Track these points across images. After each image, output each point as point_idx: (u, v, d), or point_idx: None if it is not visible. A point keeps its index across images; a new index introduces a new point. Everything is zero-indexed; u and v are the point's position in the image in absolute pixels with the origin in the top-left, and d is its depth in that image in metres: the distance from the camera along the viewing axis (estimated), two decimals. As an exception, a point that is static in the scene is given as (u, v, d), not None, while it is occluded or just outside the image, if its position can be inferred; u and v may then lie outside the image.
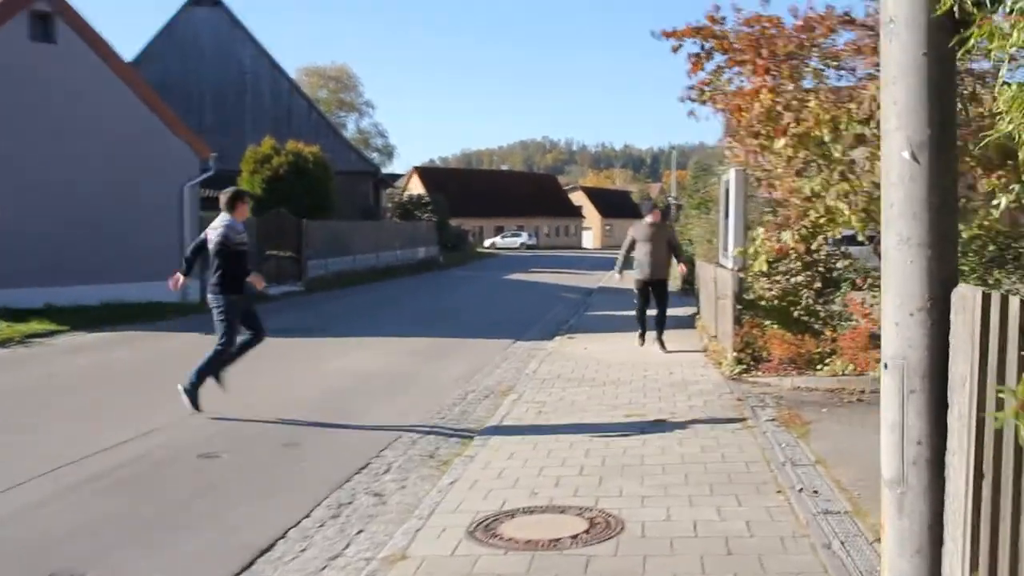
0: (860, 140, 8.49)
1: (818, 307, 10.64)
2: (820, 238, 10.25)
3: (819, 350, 10.04)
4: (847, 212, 9.30)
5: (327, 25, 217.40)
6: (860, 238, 10.40)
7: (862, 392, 8.95)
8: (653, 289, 11.66)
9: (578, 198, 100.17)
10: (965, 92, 7.16)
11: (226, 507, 6.36)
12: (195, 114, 39.61)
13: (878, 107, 8.50)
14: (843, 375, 9.49)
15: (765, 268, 10.34)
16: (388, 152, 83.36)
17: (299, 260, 27.69)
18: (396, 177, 76.47)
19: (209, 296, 8.83)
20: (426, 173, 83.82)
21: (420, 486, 6.65)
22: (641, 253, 11.41)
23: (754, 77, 8.94)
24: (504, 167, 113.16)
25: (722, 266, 12.25)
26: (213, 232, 8.77)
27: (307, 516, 6.07)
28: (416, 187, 74.08)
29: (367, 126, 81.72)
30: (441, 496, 6.24)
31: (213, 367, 8.79)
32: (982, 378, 2.57)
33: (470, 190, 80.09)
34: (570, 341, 14.84)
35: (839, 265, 10.36)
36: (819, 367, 9.83)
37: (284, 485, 6.89)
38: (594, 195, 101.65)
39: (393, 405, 9.89)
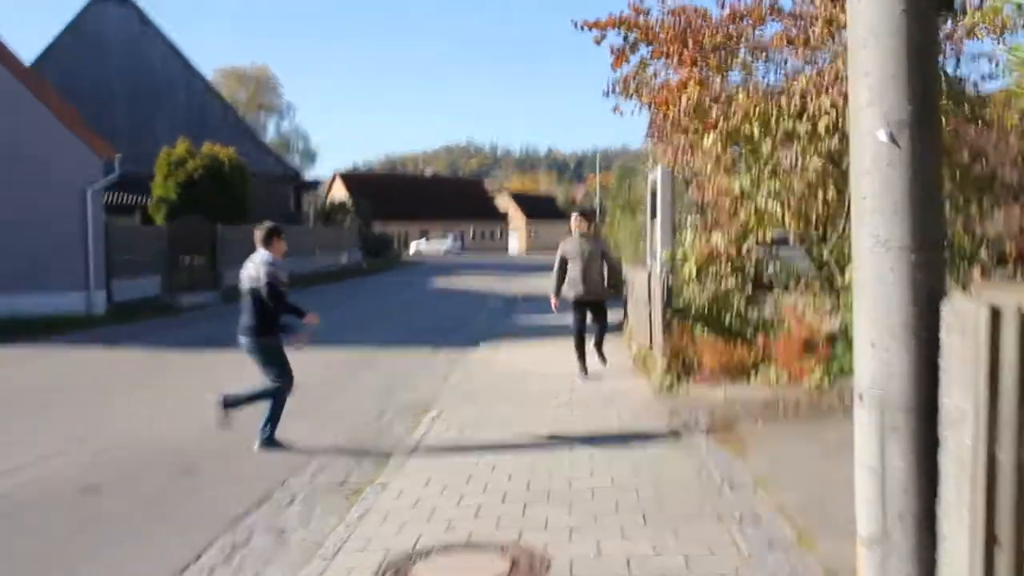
0: (790, 137, 8.06)
1: (750, 312, 10.23)
2: (751, 239, 9.83)
3: (752, 358, 9.61)
4: (778, 212, 8.89)
5: (245, 26, 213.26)
6: (791, 240, 10.01)
7: (797, 403, 8.51)
8: (590, 309, 10.36)
9: (504, 202, 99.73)
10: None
11: (101, 550, 5.61)
12: (106, 117, 37.94)
13: (812, 99, 8.24)
14: (777, 384, 9.06)
15: (695, 272, 9.88)
16: (310, 156, 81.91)
17: (214, 268, 26.56)
18: (318, 183, 75.16)
19: (245, 341, 7.96)
20: (349, 178, 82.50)
21: (326, 520, 6.00)
22: (574, 271, 10.01)
23: (680, 69, 8.48)
24: (428, 171, 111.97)
25: (650, 270, 11.78)
26: (256, 270, 7.95)
27: (196, 560, 5.37)
28: (340, 192, 72.78)
29: (288, 129, 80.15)
30: (349, 531, 5.61)
31: (275, 412, 8.11)
32: (992, 413, 2.02)
33: (394, 195, 78.98)
34: (495, 350, 14.25)
35: (771, 268, 9.95)
36: (752, 376, 9.39)
37: (173, 522, 6.15)
38: (520, 199, 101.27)
39: (303, 425, 9.12)
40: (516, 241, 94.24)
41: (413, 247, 76.39)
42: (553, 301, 10.31)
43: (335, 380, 11.90)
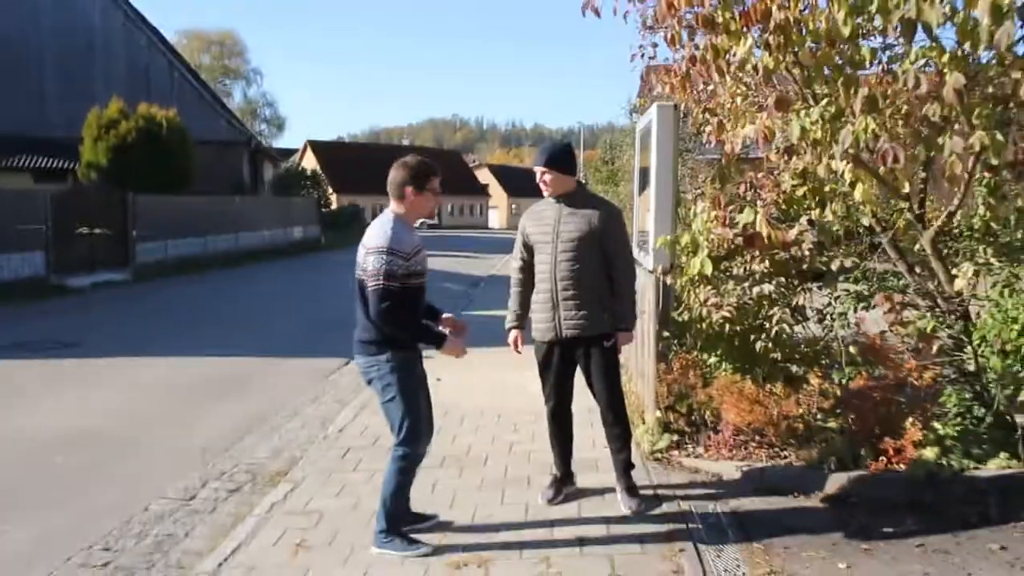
0: (910, 29, 4.26)
1: (797, 335, 6.46)
2: (804, 220, 6.03)
3: (803, 415, 5.85)
4: (851, 174, 5.12)
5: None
6: (866, 222, 6.21)
7: (893, 506, 4.78)
8: (581, 358, 5.24)
9: (484, 176, 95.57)
10: None
11: None
12: (34, 76, 34.20)
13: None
14: (857, 469, 5.31)
15: (708, 270, 6.10)
16: (278, 124, 77.44)
17: (125, 241, 22.55)
18: (291, 152, 70.83)
19: (361, 360, 4.66)
20: (321, 147, 77.88)
21: None
22: (545, 275, 5.17)
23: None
24: (405, 140, 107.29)
25: (637, 263, 7.96)
26: (365, 252, 4.52)
27: None
28: (311, 163, 68.52)
29: (255, 95, 75.61)
30: None
31: (402, 487, 4.76)
32: None
33: (368, 166, 73.95)
34: (426, 363, 10.43)
35: (835, 267, 6.11)
36: (810, 447, 5.64)
37: None
38: (501, 173, 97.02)
39: (43, 518, 5.44)
40: (496, 217, 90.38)
41: (386, 221, 72.26)
42: (513, 337, 5.40)
43: (169, 415, 8.09)
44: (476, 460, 6.38)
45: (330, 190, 48.83)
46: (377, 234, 4.48)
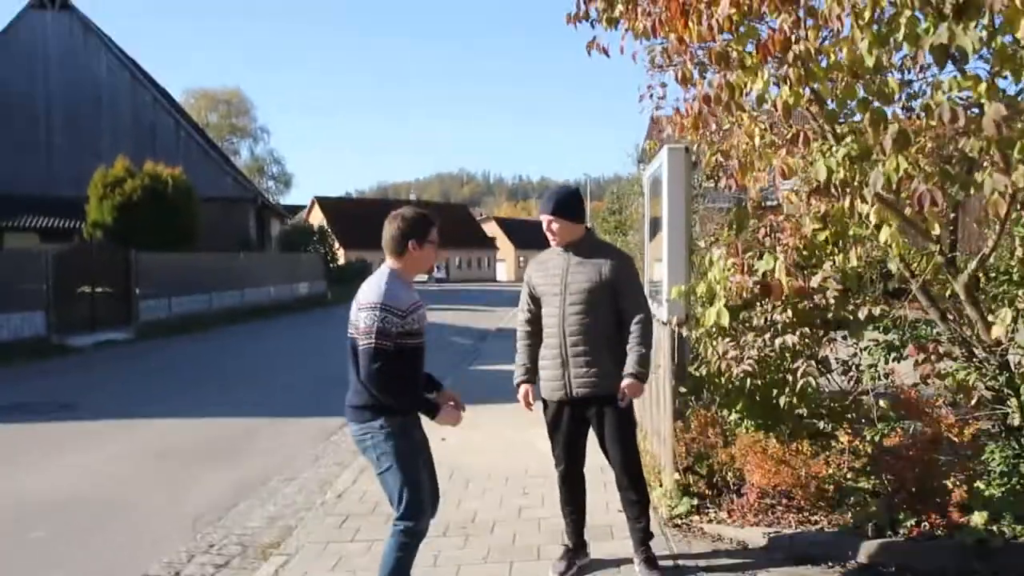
0: (942, 57, 3.94)
1: (823, 389, 6.05)
2: (828, 266, 5.67)
3: (835, 474, 5.44)
4: (888, 222, 4.76)
5: (234, 55, 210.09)
6: (894, 268, 5.84)
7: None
8: (594, 418, 4.84)
9: (492, 229, 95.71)
10: None
11: None
12: (41, 135, 34.38)
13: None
14: (895, 535, 4.87)
15: (726, 320, 5.73)
16: (284, 181, 77.68)
17: (128, 300, 22.28)
18: (298, 208, 70.98)
19: (354, 427, 4.27)
20: (328, 203, 78.10)
21: None
22: (553, 331, 4.82)
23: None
24: (412, 195, 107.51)
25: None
26: (359, 309, 4.17)
27: None
28: (318, 219, 68.60)
29: (262, 153, 76.00)
30: None
31: (403, 565, 4.27)
32: None
33: (376, 221, 72.55)
34: (429, 421, 10.03)
35: (862, 316, 5.72)
36: (842, 510, 5.21)
37: None
38: (508, 226, 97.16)
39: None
40: (504, 269, 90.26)
41: (394, 276, 72.15)
42: (523, 393, 4.96)
43: (161, 481, 7.69)
44: (482, 527, 5.96)
45: (337, 245, 48.71)
46: (371, 289, 4.13)
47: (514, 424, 8.97)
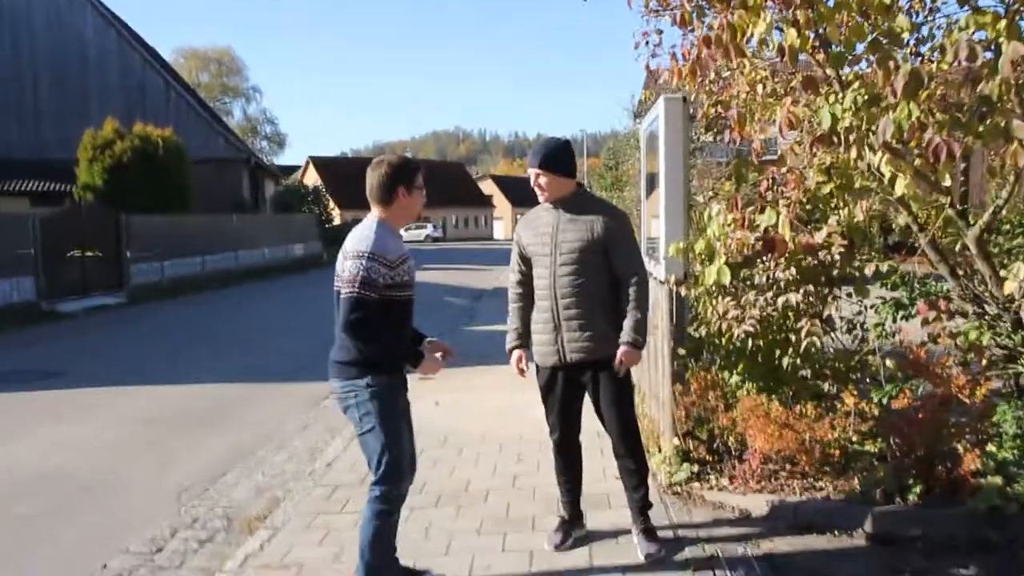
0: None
1: (828, 349, 5.82)
2: (833, 220, 5.40)
3: (841, 438, 5.22)
4: (902, 173, 4.49)
5: (227, 16, 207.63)
6: (902, 221, 5.58)
7: (967, 547, 4.14)
8: (590, 383, 4.59)
9: (488, 187, 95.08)
10: None
11: None
12: (28, 98, 33.92)
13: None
14: (905, 502, 4.67)
15: (727, 279, 5.48)
16: (278, 141, 76.98)
17: (119, 263, 21.99)
18: (293, 169, 70.32)
19: (336, 384, 4.03)
20: (323, 163, 77.31)
21: None
22: (544, 292, 4.57)
23: None
24: (407, 154, 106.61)
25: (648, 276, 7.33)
26: (344, 259, 3.96)
27: None
28: (313, 179, 68.02)
29: (255, 113, 75.19)
30: None
31: (383, 533, 4.07)
32: None
33: (371, 180, 73.84)
34: (422, 384, 9.79)
35: (868, 273, 5.48)
36: (848, 476, 5.01)
37: None
38: (504, 184, 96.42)
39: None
40: (501, 227, 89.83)
41: (391, 235, 71.70)
42: (516, 358, 4.74)
43: (142, 452, 7.47)
44: (476, 497, 5.76)
45: (332, 205, 48.23)
46: (359, 238, 3.91)
47: (510, 387, 8.74)
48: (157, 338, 15.20)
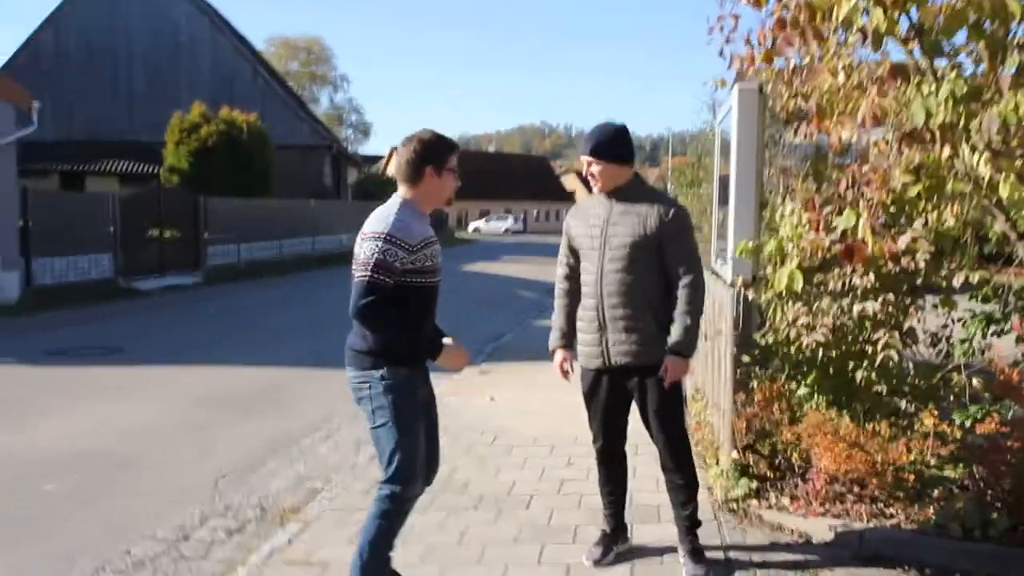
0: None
1: (907, 364, 5.34)
2: (919, 225, 4.93)
3: (917, 461, 4.77)
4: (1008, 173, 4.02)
5: (319, 4, 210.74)
6: (998, 228, 5.08)
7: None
8: (632, 391, 4.24)
9: (571, 182, 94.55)
10: None
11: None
12: (122, 82, 34.85)
13: None
14: (988, 539, 4.20)
15: (799, 283, 5.06)
16: (363, 130, 77.74)
17: (197, 245, 22.27)
18: (377, 159, 70.98)
19: (351, 374, 3.80)
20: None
21: None
22: (588, 286, 4.23)
23: None
24: (491, 148, 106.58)
25: (714, 274, 6.89)
26: (362, 238, 3.69)
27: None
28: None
29: (342, 101, 76.03)
30: None
31: (386, 535, 3.84)
32: None
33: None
34: (481, 378, 9.58)
35: (957, 283, 4.99)
36: (923, 504, 4.56)
37: None
38: (587, 179, 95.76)
39: (3, 560, 4.73)
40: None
41: (472, 227, 71.96)
42: (559, 360, 4.43)
43: (179, 437, 7.30)
44: (518, 501, 5.45)
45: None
46: (378, 219, 3.64)
47: (571, 387, 8.40)
48: (225, 319, 15.28)
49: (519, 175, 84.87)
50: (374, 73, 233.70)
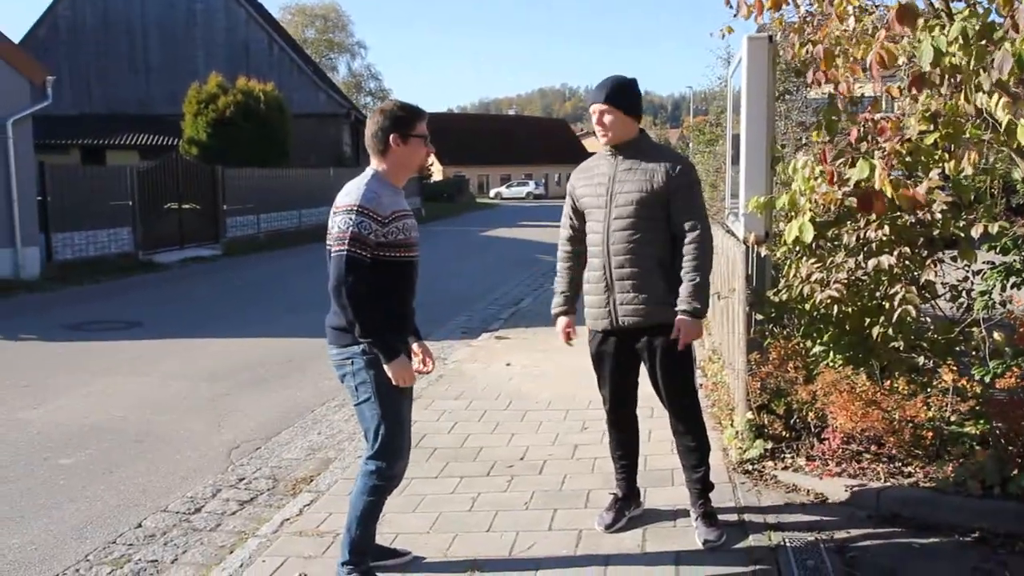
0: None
1: (925, 319, 5.20)
2: (935, 174, 4.77)
3: (935, 418, 4.65)
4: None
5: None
6: (1019, 175, 4.90)
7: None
8: (641, 352, 4.13)
9: (592, 144, 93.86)
10: None
11: None
12: (140, 53, 34.87)
13: None
14: (1007, 496, 4.09)
15: (809, 236, 4.92)
16: (382, 97, 77.17)
17: (216, 217, 22.28)
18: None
19: (333, 351, 3.76)
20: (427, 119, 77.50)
21: None
22: (594, 246, 4.13)
23: None
24: (512, 112, 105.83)
25: (728, 232, 6.75)
26: (333, 211, 3.65)
27: None
28: (415, 134, 68.17)
29: (360, 68, 75.65)
30: None
31: (371, 511, 3.80)
32: None
33: (475, 137, 73.76)
34: (498, 343, 9.54)
35: (975, 234, 4.84)
36: (942, 462, 4.45)
37: None
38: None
39: (19, 532, 4.75)
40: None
41: (493, 192, 71.66)
42: (562, 325, 4.38)
43: (195, 409, 7.28)
44: (530, 467, 5.39)
45: (430, 161, 48.24)
46: (349, 191, 3.56)
47: (586, 352, 8.34)
48: (244, 291, 15.30)
49: (539, 139, 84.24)
50: (392, 39, 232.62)
